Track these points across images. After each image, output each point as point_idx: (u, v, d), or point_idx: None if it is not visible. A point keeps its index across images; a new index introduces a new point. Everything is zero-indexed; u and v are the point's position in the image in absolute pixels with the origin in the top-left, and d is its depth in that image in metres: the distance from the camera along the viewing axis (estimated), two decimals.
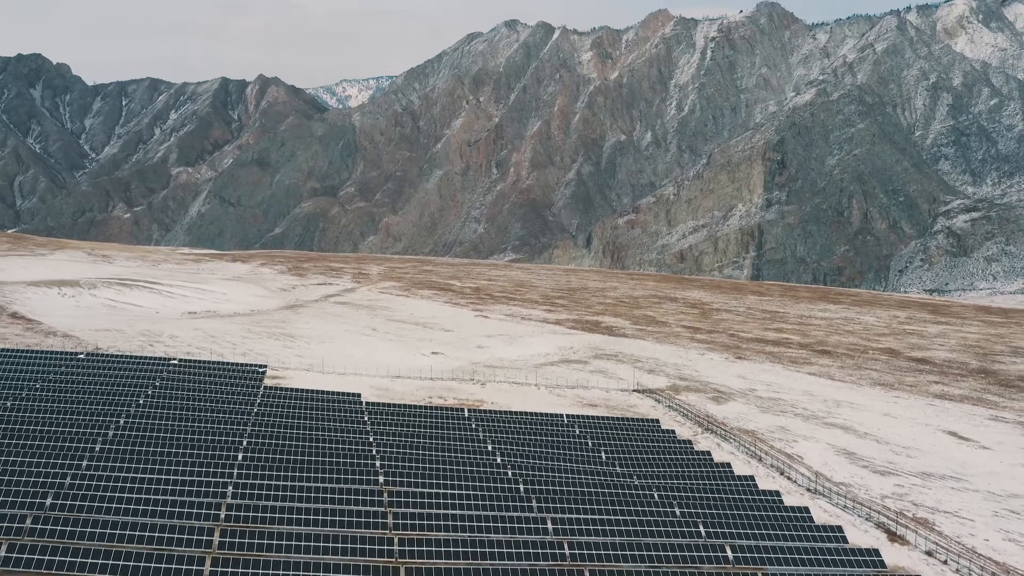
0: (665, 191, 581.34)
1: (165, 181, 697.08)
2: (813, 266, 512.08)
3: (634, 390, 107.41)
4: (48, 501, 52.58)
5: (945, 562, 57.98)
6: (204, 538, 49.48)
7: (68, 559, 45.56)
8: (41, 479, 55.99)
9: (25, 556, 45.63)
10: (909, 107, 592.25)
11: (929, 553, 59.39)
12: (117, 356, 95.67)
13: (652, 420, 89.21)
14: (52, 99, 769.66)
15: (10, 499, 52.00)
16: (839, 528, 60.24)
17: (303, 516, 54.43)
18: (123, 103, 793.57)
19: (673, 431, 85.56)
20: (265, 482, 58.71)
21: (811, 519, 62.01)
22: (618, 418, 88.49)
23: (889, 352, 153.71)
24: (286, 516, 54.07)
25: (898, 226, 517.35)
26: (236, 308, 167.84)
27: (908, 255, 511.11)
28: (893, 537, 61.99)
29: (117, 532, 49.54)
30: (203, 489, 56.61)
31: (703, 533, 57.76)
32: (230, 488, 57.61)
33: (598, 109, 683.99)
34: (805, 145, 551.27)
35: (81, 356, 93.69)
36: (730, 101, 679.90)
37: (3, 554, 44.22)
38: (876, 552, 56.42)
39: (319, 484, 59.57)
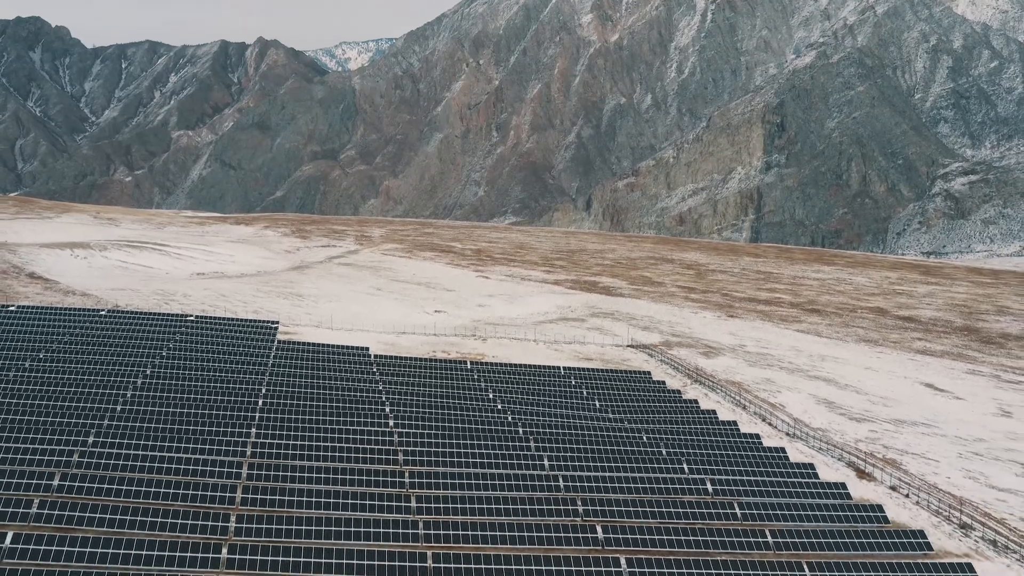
0: (665, 154, 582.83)
1: (166, 144, 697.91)
2: (811, 229, 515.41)
3: (628, 345, 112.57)
4: (96, 433, 57.83)
5: (907, 495, 63.38)
6: (227, 495, 52.54)
7: (96, 515, 48.99)
8: (81, 424, 61.22)
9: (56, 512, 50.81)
10: (909, 70, 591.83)
11: (893, 488, 64.79)
12: (136, 313, 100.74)
13: (644, 372, 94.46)
14: (52, 62, 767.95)
15: (41, 454, 57.23)
16: (811, 466, 65.59)
17: (321, 459, 59.68)
18: (123, 66, 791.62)
19: (663, 382, 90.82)
20: (285, 433, 63.99)
21: (787, 458, 67.35)
22: (612, 370, 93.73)
23: (877, 311, 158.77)
24: (306, 464, 59.29)
25: (896, 189, 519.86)
26: (243, 269, 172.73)
27: (906, 218, 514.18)
28: (862, 474, 67.39)
29: (144, 489, 53.34)
30: (227, 437, 61.74)
31: (686, 470, 63.06)
32: (253, 433, 62.86)
33: (598, 72, 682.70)
34: (805, 108, 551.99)
35: (102, 313, 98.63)
36: (730, 64, 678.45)
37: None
38: (843, 486, 61.80)
39: (334, 427, 64.78)
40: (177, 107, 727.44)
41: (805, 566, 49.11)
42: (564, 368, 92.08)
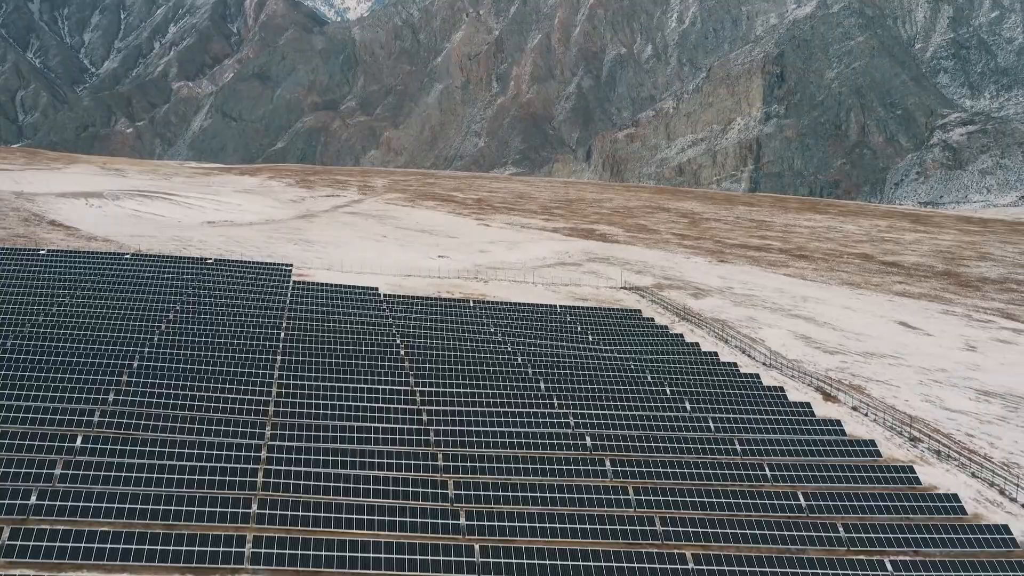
0: (665, 105, 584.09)
1: (166, 96, 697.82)
2: (810, 179, 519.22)
3: (621, 287, 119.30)
4: (137, 363, 64.72)
5: (865, 415, 70.50)
6: (257, 431, 56.59)
7: (137, 447, 55.76)
8: (114, 364, 68.06)
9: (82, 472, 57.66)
10: (909, 20, 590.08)
11: (854, 408, 71.89)
12: (159, 256, 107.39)
13: (635, 310, 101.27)
14: (50, 12, 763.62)
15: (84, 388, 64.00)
16: (781, 389, 72.62)
17: (340, 388, 66.63)
18: (121, 17, 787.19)
19: (652, 319, 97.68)
20: (306, 365, 70.96)
21: (760, 383, 74.36)
22: (604, 308, 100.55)
23: (863, 256, 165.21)
24: (327, 393, 66.17)
25: (895, 139, 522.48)
26: (252, 218, 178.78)
27: (904, 168, 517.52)
28: (827, 397, 74.48)
29: (172, 424, 60.80)
30: (253, 370, 68.48)
31: (668, 393, 70.02)
32: (277, 363, 69.77)
33: (598, 22, 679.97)
34: (804, 58, 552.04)
35: (127, 256, 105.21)
36: (731, 13, 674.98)
37: (59, 471, 45.98)
38: (808, 406, 68.86)
39: (351, 359, 71.68)
40: (177, 58, 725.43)
41: (766, 467, 56.23)
42: (560, 307, 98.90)
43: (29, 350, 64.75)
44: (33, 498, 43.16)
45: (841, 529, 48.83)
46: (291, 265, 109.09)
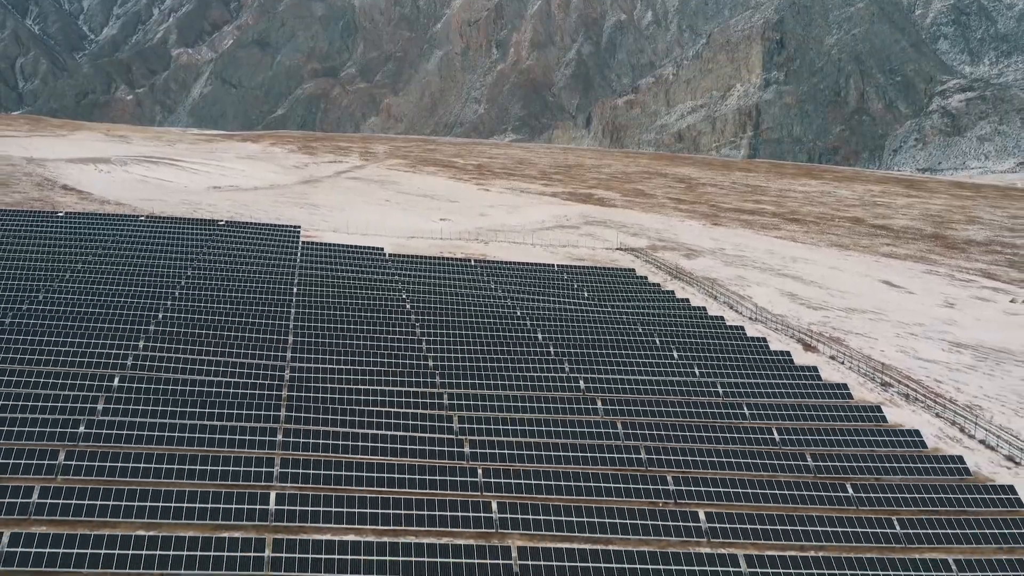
0: (664, 71, 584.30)
1: (166, 63, 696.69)
2: (809, 146, 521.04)
3: (617, 248, 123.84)
4: (161, 315, 69.45)
5: (842, 363, 75.38)
6: (276, 373, 64.27)
7: (159, 407, 61.77)
8: (140, 315, 72.78)
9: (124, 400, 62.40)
10: None
11: (832, 357, 76.77)
12: (172, 218, 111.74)
13: (628, 269, 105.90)
14: None
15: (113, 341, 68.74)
16: (764, 339, 77.47)
17: (351, 339, 71.40)
18: None
19: (645, 277, 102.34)
20: (318, 317, 75.71)
21: (744, 335, 79.16)
22: (599, 267, 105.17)
23: (853, 220, 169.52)
24: (339, 348, 70.99)
25: (894, 106, 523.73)
26: (256, 183, 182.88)
27: (903, 135, 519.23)
28: (807, 348, 79.33)
29: (198, 367, 66.03)
30: (270, 322, 73.26)
31: (658, 343, 74.80)
32: (292, 315, 74.52)
33: None
34: (804, 24, 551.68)
35: (141, 218, 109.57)
36: None
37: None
38: (788, 354, 73.70)
39: (360, 312, 76.41)
40: (176, 25, 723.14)
41: (745, 406, 61.15)
42: (557, 266, 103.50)
43: (62, 302, 69.52)
44: (82, 427, 48.06)
45: (810, 459, 53.82)
46: (299, 227, 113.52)
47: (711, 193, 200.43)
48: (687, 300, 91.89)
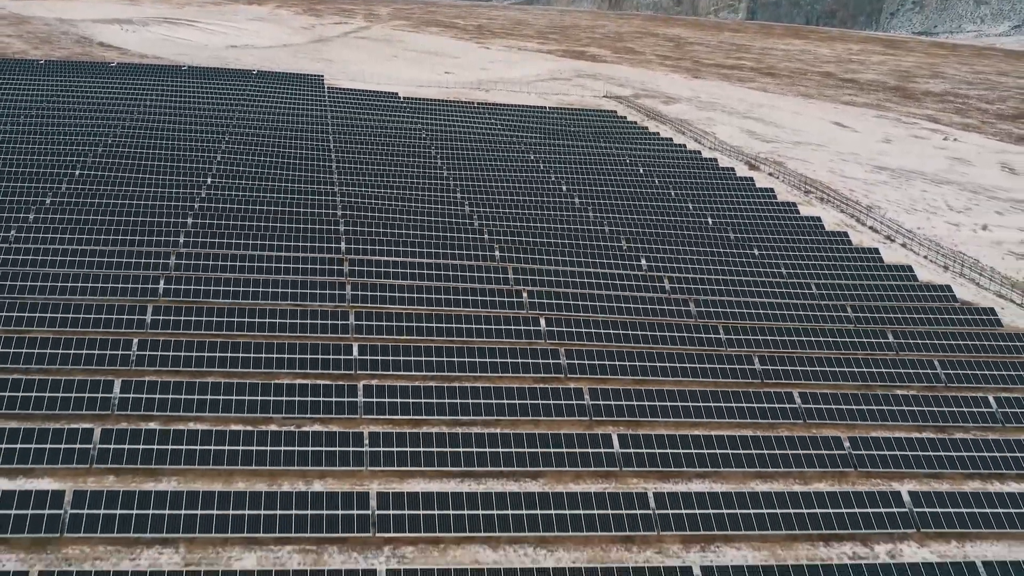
0: None
1: None
2: (807, 9, 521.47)
3: (603, 96, 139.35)
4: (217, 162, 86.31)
5: (778, 178, 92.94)
6: (332, 188, 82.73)
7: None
8: (210, 153, 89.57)
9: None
10: None
11: (771, 174, 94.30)
12: (211, 68, 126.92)
13: (610, 111, 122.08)
14: None
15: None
16: (715, 160, 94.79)
17: (375, 153, 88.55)
18: None
19: (625, 117, 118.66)
20: (353, 143, 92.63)
21: (701, 157, 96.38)
22: (585, 109, 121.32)
23: (824, 74, 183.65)
24: (367, 164, 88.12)
25: None
26: (270, 42, 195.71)
27: None
28: (751, 167, 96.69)
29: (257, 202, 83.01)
30: (316, 153, 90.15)
31: (641, 172, 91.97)
32: (331, 144, 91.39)
33: None
34: None
35: (184, 68, 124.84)
36: None
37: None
38: (733, 170, 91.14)
39: (383, 141, 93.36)
40: None
41: (688, 200, 78.97)
42: (549, 108, 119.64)
43: (135, 144, 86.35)
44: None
45: (731, 231, 71.97)
46: (322, 75, 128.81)
47: (697, 51, 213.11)
48: (658, 134, 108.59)
